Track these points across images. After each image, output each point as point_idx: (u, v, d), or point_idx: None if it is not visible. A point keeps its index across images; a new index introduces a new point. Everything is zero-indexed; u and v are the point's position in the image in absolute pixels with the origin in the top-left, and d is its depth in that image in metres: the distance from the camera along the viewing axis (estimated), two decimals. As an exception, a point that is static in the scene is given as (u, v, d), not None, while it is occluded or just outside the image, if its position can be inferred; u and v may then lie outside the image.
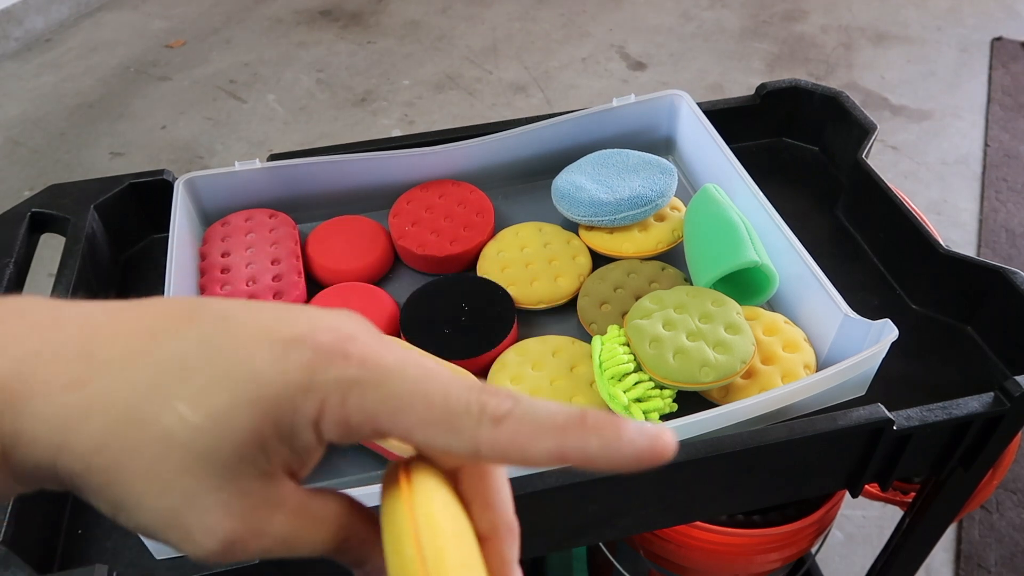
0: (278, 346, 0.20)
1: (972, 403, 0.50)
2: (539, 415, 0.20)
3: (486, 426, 0.20)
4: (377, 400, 0.20)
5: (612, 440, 0.20)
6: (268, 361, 0.20)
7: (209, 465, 0.20)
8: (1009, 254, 1.54)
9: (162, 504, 0.20)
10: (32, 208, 0.65)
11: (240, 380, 0.20)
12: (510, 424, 0.20)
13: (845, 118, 0.71)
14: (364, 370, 0.20)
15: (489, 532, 0.24)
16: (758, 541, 0.69)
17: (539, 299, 0.61)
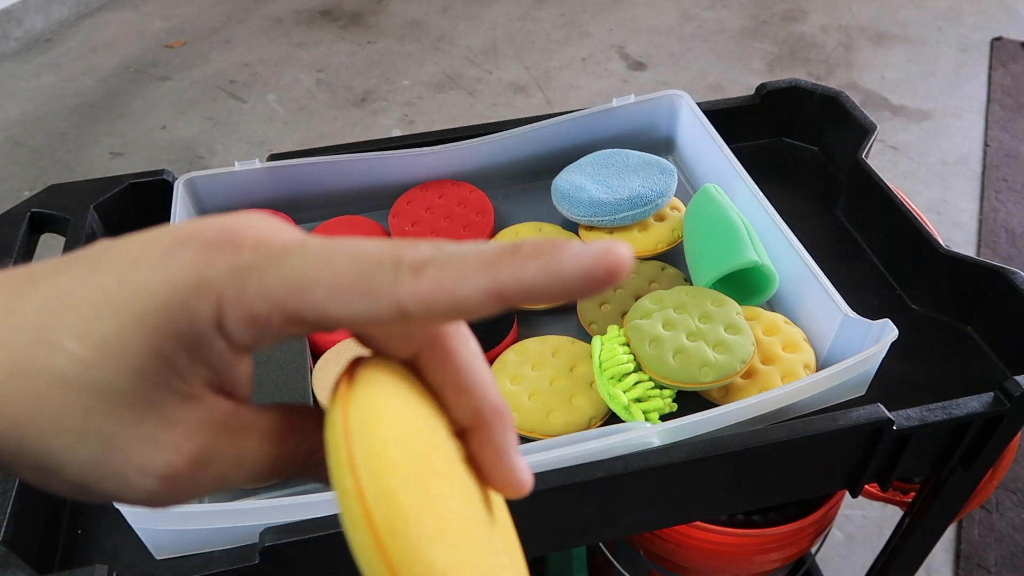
0: (160, 253, 0.18)
1: (972, 403, 0.50)
2: (466, 254, 0.18)
3: (406, 277, 0.17)
4: (278, 281, 0.18)
5: (552, 263, 0.17)
6: (150, 270, 0.18)
7: (116, 400, 0.18)
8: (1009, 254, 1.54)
9: (83, 455, 0.18)
10: (32, 208, 0.65)
11: (124, 299, 0.18)
12: (432, 271, 0.17)
13: (845, 118, 0.71)
14: (258, 253, 0.18)
15: (472, 420, 0.21)
16: (758, 541, 0.69)
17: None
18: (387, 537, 0.18)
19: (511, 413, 0.21)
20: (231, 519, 0.44)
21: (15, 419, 0.18)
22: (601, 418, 0.53)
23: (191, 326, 0.18)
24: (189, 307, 0.18)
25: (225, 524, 0.44)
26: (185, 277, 0.18)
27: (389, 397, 0.19)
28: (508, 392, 0.53)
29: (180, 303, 0.18)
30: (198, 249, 0.18)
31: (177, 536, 0.44)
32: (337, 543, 0.44)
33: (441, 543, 0.18)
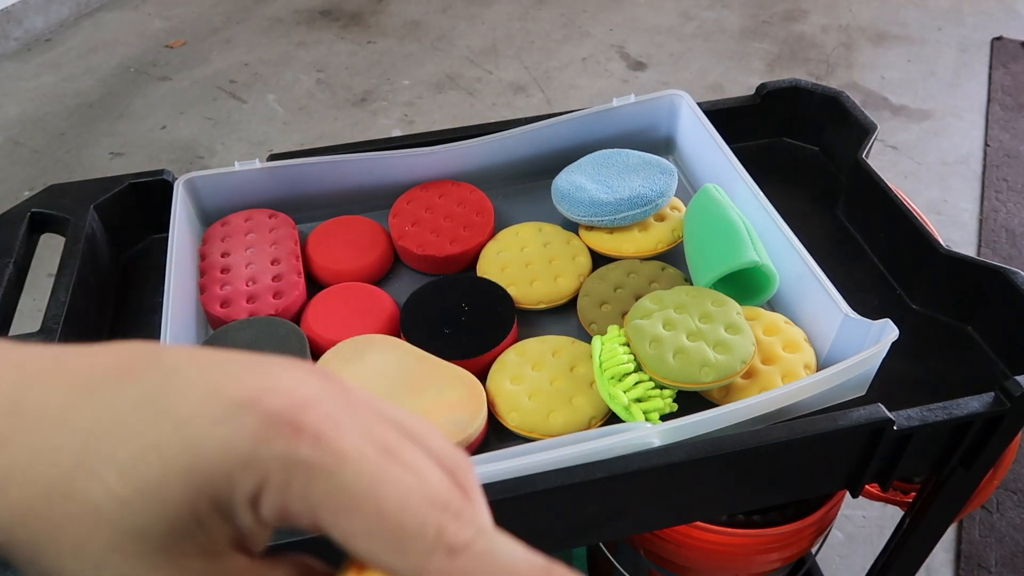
0: (221, 409, 0.18)
1: (972, 403, 0.49)
2: (500, 558, 0.18)
3: (438, 556, 0.17)
4: (323, 493, 0.18)
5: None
6: (208, 427, 0.18)
7: (142, 543, 0.18)
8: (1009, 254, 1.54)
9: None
10: (32, 208, 0.65)
11: (175, 448, 0.18)
12: (465, 560, 0.17)
13: (845, 118, 0.71)
14: (315, 451, 0.18)
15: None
16: (758, 541, 0.69)
17: (539, 299, 0.61)
18: None
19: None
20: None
21: (38, 535, 0.18)
22: (601, 418, 0.53)
23: (230, 496, 0.18)
24: (233, 478, 0.18)
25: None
26: (239, 450, 0.18)
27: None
28: (508, 392, 0.53)
29: (226, 473, 0.18)
30: (259, 422, 0.18)
31: (177, 536, 0.44)
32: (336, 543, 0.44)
33: None
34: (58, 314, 0.56)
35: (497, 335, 0.57)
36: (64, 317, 0.56)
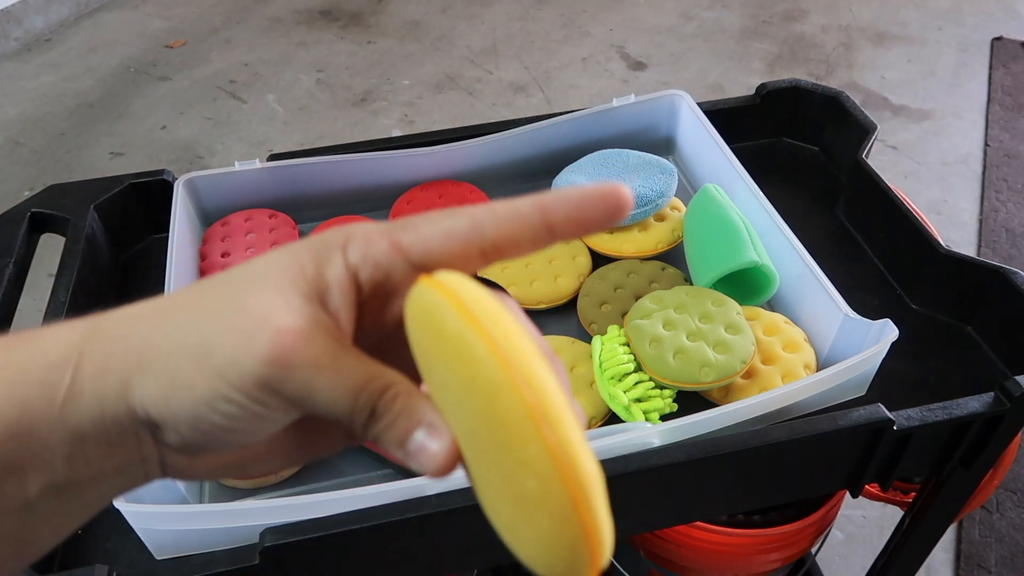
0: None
1: (972, 403, 0.49)
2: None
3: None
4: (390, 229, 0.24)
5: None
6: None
7: (245, 388, 0.22)
8: (1009, 254, 1.54)
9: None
10: (32, 208, 0.65)
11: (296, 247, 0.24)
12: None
13: (845, 118, 0.71)
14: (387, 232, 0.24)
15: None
16: (758, 541, 0.69)
17: (539, 299, 0.61)
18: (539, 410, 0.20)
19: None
20: (231, 519, 0.44)
21: (179, 391, 0.23)
22: (601, 418, 0.53)
23: (324, 243, 0.24)
24: (326, 236, 0.24)
25: (225, 524, 0.44)
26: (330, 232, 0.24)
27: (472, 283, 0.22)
28: (508, 392, 0.53)
29: (320, 236, 0.24)
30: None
31: (177, 536, 0.44)
32: (337, 543, 0.44)
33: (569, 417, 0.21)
34: (58, 314, 0.56)
35: (497, 335, 0.57)
36: (64, 317, 0.56)
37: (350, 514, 0.43)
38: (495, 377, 0.20)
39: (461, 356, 0.21)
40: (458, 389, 0.21)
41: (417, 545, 0.48)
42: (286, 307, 0.22)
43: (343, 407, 0.22)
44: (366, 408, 0.23)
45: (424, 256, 0.24)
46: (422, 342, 0.23)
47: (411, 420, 0.23)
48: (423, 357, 0.23)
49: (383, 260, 0.24)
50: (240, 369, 0.22)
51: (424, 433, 0.22)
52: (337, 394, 0.22)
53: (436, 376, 0.22)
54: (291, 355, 0.22)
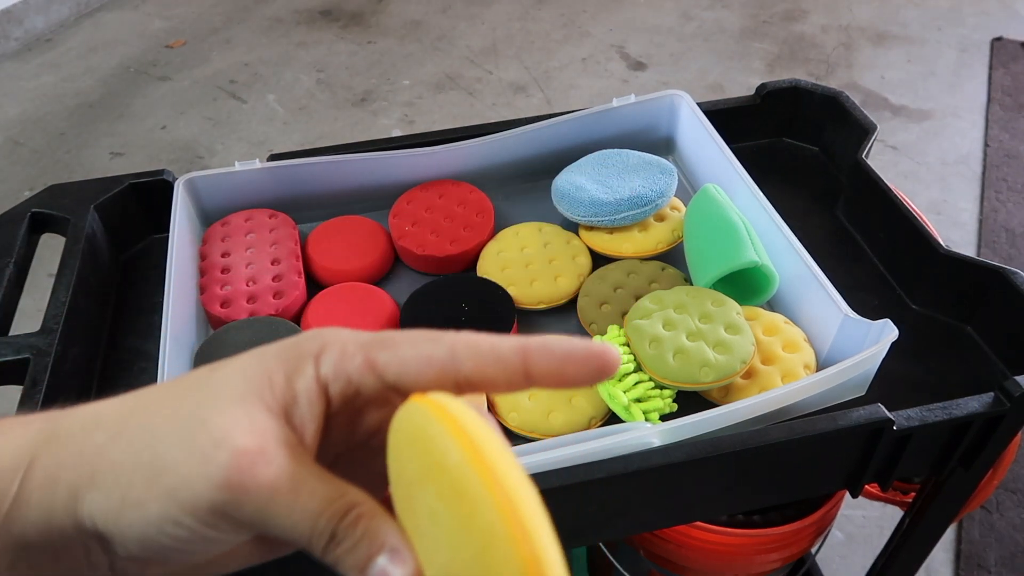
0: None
1: (972, 403, 0.49)
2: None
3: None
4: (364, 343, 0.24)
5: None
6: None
7: (195, 513, 0.22)
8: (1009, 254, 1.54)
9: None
10: (32, 208, 0.65)
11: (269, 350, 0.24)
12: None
13: (845, 118, 0.71)
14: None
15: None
16: (758, 541, 0.69)
17: (539, 299, 0.61)
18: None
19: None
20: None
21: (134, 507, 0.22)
22: (601, 418, 0.53)
23: (297, 351, 0.23)
24: (300, 342, 0.24)
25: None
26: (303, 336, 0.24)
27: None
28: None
29: (294, 342, 0.24)
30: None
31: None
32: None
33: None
34: (58, 314, 0.56)
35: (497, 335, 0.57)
36: (64, 317, 0.56)
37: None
38: (495, 527, 0.19)
39: (459, 493, 0.20)
40: (446, 522, 0.20)
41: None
42: (248, 425, 0.22)
43: (302, 531, 0.22)
44: (326, 532, 0.22)
45: (398, 379, 0.23)
46: (409, 464, 0.22)
47: (373, 545, 0.22)
48: (405, 478, 0.22)
49: (356, 376, 0.23)
50: (193, 492, 0.21)
51: (387, 559, 0.21)
52: (295, 518, 0.21)
53: (418, 502, 0.21)
54: (248, 479, 0.21)
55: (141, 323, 0.63)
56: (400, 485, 0.23)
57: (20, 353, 0.53)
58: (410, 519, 0.22)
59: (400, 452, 0.22)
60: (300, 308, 0.61)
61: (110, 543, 0.22)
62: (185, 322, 0.58)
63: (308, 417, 0.23)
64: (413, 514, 0.22)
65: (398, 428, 0.22)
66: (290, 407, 0.23)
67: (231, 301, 0.60)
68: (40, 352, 0.53)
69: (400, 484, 0.23)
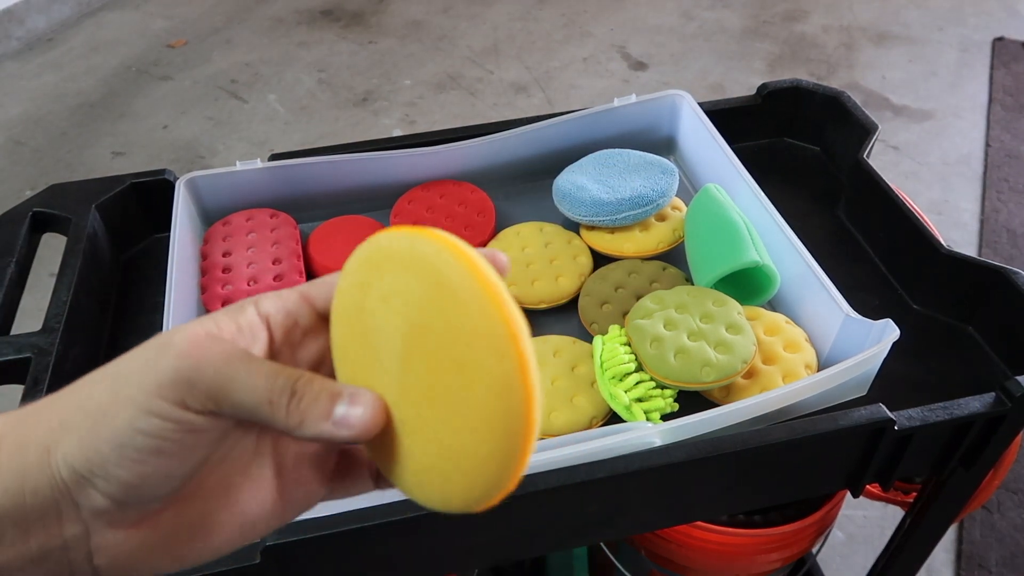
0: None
1: (973, 403, 0.49)
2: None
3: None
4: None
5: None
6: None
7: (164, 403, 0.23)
8: (1010, 254, 1.54)
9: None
10: (33, 208, 0.65)
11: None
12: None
13: (846, 118, 0.71)
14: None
15: None
16: (759, 541, 0.69)
17: (540, 299, 0.61)
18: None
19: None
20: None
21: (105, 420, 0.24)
22: (602, 418, 0.53)
23: (236, 304, 0.26)
24: (240, 301, 0.27)
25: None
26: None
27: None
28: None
29: (234, 303, 0.26)
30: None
31: (178, 535, 0.44)
32: (339, 542, 0.44)
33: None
34: (60, 313, 0.56)
35: (498, 335, 0.57)
36: (66, 316, 0.56)
37: (351, 513, 0.44)
38: (495, 325, 0.22)
39: (452, 295, 0.22)
40: (436, 326, 0.23)
41: (418, 545, 0.48)
42: (197, 325, 0.24)
43: (261, 393, 0.23)
44: (286, 389, 0.23)
45: (328, 304, 0.26)
46: (382, 280, 0.24)
47: (333, 392, 0.24)
48: (367, 296, 0.24)
49: (293, 308, 0.26)
50: (155, 375, 0.23)
51: (347, 401, 0.24)
52: (254, 380, 0.23)
53: (387, 315, 0.24)
54: (202, 350, 0.23)
55: (142, 323, 0.63)
56: (355, 310, 0.25)
57: (21, 352, 0.53)
58: (364, 341, 0.25)
59: (360, 275, 0.25)
60: (301, 308, 0.61)
61: (90, 486, 0.23)
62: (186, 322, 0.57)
63: (252, 343, 0.25)
64: (369, 333, 0.25)
65: (369, 252, 0.25)
66: (235, 336, 0.25)
67: (232, 300, 0.60)
68: (41, 351, 0.53)
69: (355, 309, 0.25)
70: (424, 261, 0.23)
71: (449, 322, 0.22)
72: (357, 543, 0.45)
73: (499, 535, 0.50)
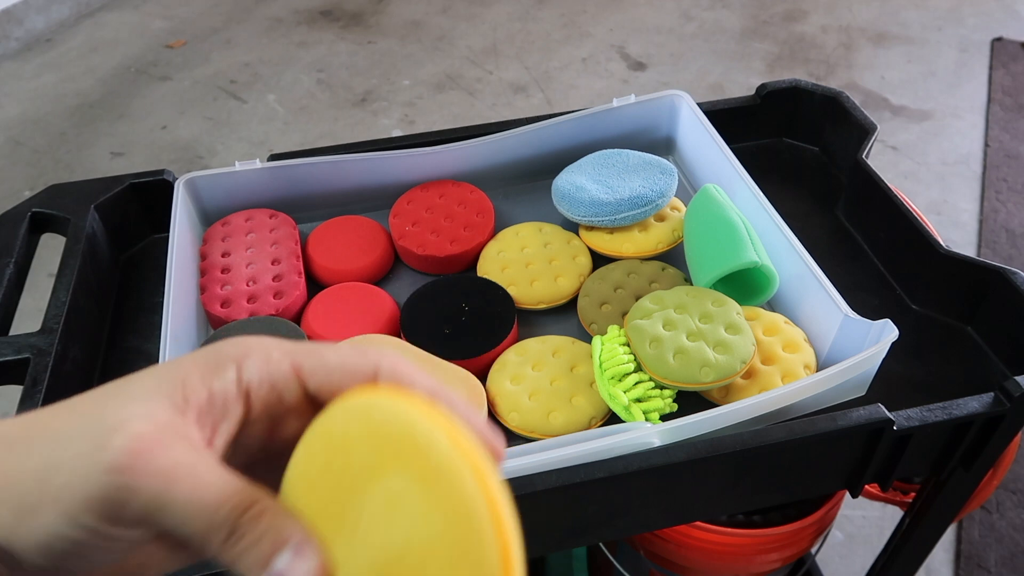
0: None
1: (972, 403, 0.50)
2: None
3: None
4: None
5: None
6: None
7: (86, 515, 0.21)
8: (1009, 254, 1.54)
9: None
10: (32, 208, 0.65)
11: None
12: None
13: (845, 118, 0.71)
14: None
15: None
16: (758, 541, 0.69)
17: (539, 299, 0.61)
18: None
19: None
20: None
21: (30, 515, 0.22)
22: (601, 418, 0.53)
23: (216, 356, 0.24)
24: (222, 347, 0.24)
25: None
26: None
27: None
28: (508, 392, 0.54)
29: (216, 347, 0.24)
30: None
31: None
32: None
33: None
34: (59, 314, 0.56)
35: (497, 335, 0.57)
36: (65, 317, 0.56)
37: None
38: (478, 508, 0.20)
39: (438, 475, 0.20)
40: (410, 504, 0.20)
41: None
42: (147, 416, 0.21)
43: (198, 525, 0.21)
44: (224, 527, 0.21)
45: (320, 387, 0.23)
46: (355, 456, 0.21)
47: (277, 540, 0.21)
48: (337, 474, 0.22)
49: (280, 382, 0.23)
50: (86, 483, 0.20)
51: (290, 555, 0.21)
52: (191, 510, 0.20)
53: (358, 493, 0.21)
54: (142, 463, 0.20)
55: (141, 323, 0.63)
56: (319, 484, 0.22)
57: (20, 353, 0.53)
58: (327, 516, 0.22)
59: (337, 446, 0.22)
60: (300, 308, 0.61)
61: (14, 558, 0.22)
62: (185, 322, 0.58)
63: (222, 418, 0.22)
64: (338, 508, 0.22)
65: (334, 423, 0.22)
66: (202, 407, 0.22)
67: (231, 301, 0.60)
68: (40, 352, 0.53)
69: (320, 482, 0.22)
70: (460, 483, 0.20)
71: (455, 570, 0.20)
72: (356, 543, 0.45)
73: (498, 535, 0.50)
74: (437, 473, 0.20)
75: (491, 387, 0.54)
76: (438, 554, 0.20)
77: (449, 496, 0.20)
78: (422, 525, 0.20)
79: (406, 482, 0.20)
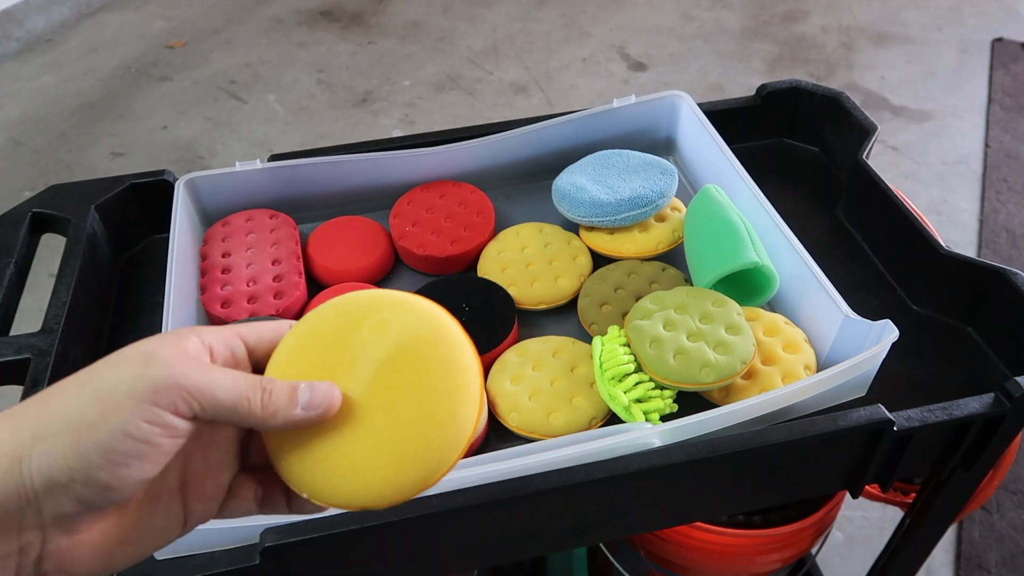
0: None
1: (973, 404, 0.50)
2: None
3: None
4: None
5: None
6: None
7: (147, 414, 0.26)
8: (1010, 255, 1.54)
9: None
10: (33, 208, 0.65)
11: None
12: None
13: (845, 118, 0.71)
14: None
15: None
16: (758, 542, 0.69)
17: (540, 299, 0.61)
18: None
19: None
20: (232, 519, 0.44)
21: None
22: (602, 418, 0.53)
23: (178, 330, 0.30)
24: (180, 329, 0.30)
25: (226, 524, 0.44)
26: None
27: None
28: (508, 392, 0.54)
29: (174, 333, 0.30)
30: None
31: (178, 536, 0.44)
32: (338, 543, 0.44)
33: None
34: (59, 314, 0.56)
35: (497, 335, 0.57)
36: (65, 317, 0.56)
37: (351, 514, 0.43)
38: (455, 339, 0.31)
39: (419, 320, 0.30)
40: (412, 343, 0.30)
41: (418, 545, 0.48)
42: (170, 341, 0.27)
43: (240, 390, 0.27)
44: (257, 387, 0.28)
45: (257, 343, 0.31)
46: (370, 316, 0.31)
47: (292, 387, 0.28)
48: (347, 327, 0.30)
49: (230, 341, 0.30)
50: (149, 382, 0.25)
51: (306, 386, 0.28)
52: (231, 383, 0.27)
53: (365, 339, 0.30)
54: (184, 360, 0.26)
55: (141, 323, 0.63)
56: (307, 351, 0.30)
57: (21, 353, 0.53)
58: (324, 366, 0.30)
59: (315, 326, 0.31)
60: (301, 308, 0.61)
61: (62, 492, 0.24)
62: (185, 322, 0.58)
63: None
64: (332, 355, 0.30)
65: (303, 324, 0.31)
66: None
67: (232, 301, 0.60)
68: (41, 352, 0.53)
69: (307, 351, 0.30)
70: (426, 307, 0.31)
71: (436, 351, 0.30)
72: (357, 543, 0.45)
73: (499, 535, 0.50)
74: (412, 303, 0.31)
75: (491, 387, 0.54)
76: (424, 343, 0.30)
77: (424, 310, 0.31)
78: (407, 329, 0.30)
79: (388, 315, 0.30)
